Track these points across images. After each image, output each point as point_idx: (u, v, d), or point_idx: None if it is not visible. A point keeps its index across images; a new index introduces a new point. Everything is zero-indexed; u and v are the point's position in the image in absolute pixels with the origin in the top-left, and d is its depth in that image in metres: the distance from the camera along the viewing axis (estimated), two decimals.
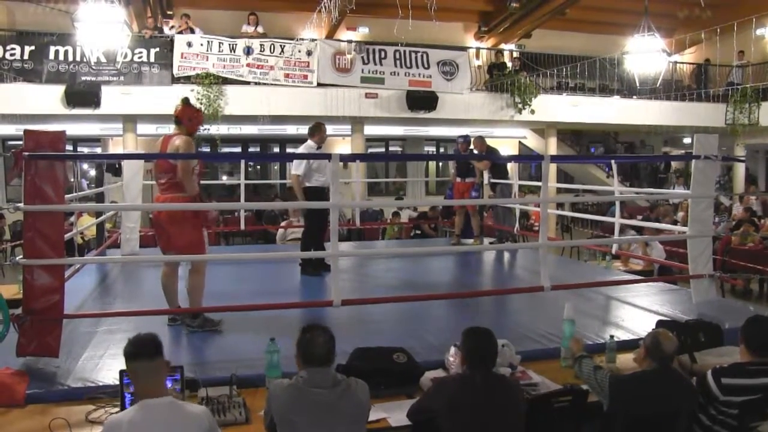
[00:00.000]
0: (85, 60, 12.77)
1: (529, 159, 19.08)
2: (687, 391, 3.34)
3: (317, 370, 2.90)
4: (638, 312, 5.70)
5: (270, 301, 5.12)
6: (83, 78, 12.81)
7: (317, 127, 7.23)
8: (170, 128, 5.22)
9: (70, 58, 12.79)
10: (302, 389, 2.87)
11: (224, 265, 7.44)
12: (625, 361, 4.22)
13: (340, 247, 5.42)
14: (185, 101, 5.18)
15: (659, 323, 4.58)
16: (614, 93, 16.87)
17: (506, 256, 8.85)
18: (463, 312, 5.63)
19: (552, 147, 16.73)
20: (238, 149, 17.13)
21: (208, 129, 13.19)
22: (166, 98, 12.83)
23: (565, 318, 4.37)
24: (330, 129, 10.08)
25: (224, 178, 17.54)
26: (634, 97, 16.33)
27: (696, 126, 15.40)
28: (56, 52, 12.76)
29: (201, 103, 13.01)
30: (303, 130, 15.44)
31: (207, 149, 14.65)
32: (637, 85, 14.19)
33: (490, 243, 9.74)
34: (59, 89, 12.62)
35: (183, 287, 5.16)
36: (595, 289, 6.42)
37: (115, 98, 12.88)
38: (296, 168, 6.98)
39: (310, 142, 7.21)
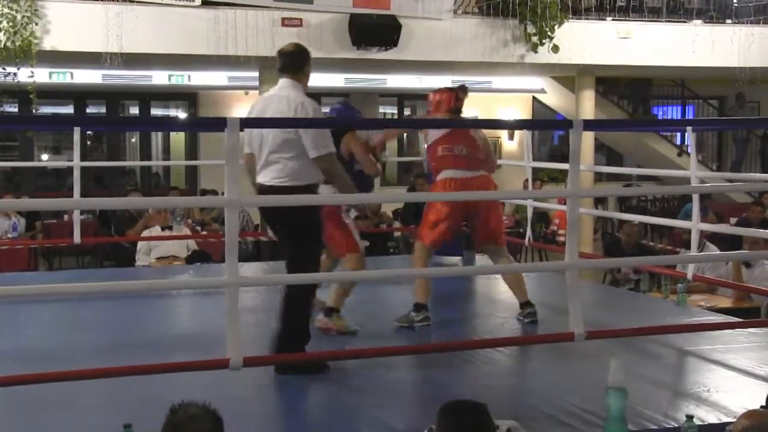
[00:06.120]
0: None
1: (549, 125, 18.14)
2: None
3: None
4: (734, 377, 4.95)
5: (126, 363, 4.38)
6: None
7: None
8: None
9: None
10: None
11: (48, 304, 6.74)
12: None
13: (243, 270, 5.71)
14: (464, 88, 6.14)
15: None
16: (693, 16, 14.62)
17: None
18: (443, 373, 5.04)
19: (587, 106, 14.57)
20: (69, 109, 15.46)
21: (15, 74, 11.47)
22: None
23: (609, 385, 3.72)
24: (223, 77, 10.01)
25: (45, 157, 15.35)
26: (729, 21, 14.22)
27: None
28: None
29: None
30: (178, 79, 15.07)
31: (14, 109, 12.94)
32: (734, 1, 13.48)
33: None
34: None
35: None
36: (660, 338, 5.67)
37: None
38: None
39: None
